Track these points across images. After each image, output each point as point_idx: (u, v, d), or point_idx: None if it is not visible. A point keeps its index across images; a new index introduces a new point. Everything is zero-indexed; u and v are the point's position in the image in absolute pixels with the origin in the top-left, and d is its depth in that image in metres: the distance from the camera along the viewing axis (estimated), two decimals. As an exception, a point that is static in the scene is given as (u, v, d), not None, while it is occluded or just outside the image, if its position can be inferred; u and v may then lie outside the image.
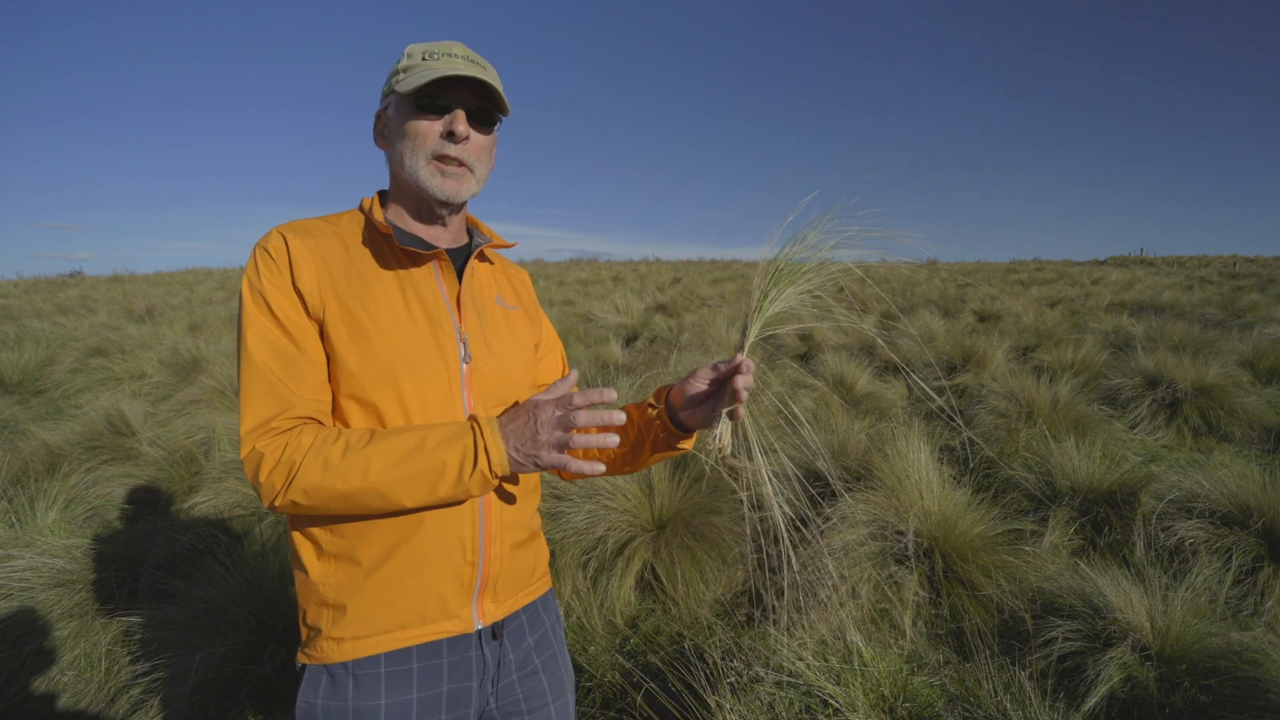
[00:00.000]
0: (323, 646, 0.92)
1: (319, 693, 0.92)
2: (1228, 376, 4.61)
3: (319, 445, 0.86)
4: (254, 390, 0.88)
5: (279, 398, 0.89)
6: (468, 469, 0.87)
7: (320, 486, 0.85)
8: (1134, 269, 22.50)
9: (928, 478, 2.69)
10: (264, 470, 0.85)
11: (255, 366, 0.89)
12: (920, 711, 1.85)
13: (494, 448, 0.88)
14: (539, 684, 1.06)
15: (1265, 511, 2.60)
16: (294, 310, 0.91)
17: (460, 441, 0.88)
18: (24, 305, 13.11)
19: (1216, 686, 1.90)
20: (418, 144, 0.96)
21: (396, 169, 1.00)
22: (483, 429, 0.89)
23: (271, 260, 0.91)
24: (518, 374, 1.07)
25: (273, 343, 0.90)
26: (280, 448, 0.86)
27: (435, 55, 0.95)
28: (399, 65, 0.97)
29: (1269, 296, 10.90)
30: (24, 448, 3.87)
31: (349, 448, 0.86)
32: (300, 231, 0.94)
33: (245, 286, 0.91)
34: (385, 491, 0.86)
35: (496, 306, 1.08)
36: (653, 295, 12.58)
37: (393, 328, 0.93)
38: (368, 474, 0.85)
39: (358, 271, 0.95)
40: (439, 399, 0.95)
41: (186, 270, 26.52)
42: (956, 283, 16.25)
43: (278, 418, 0.88)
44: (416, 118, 0.96)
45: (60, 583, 2.44)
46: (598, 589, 2.51)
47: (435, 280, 1.00)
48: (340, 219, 1.00)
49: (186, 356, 6.16)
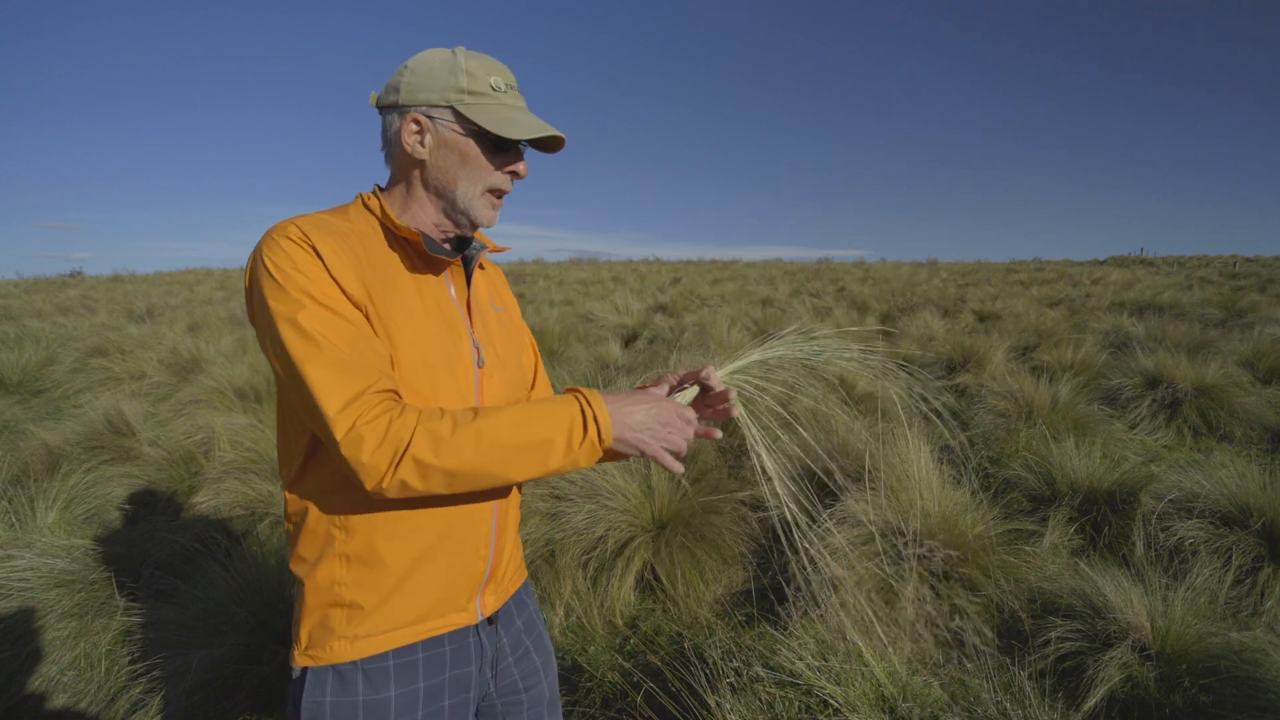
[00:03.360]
0: (333, 646, 0.92)
1: (326, 691, 0.92)
2: (1228, 376, 4.61)
3: (426, 421, 0.82)
4: (327, 370, 0.81)
5: (359, 372, 0.83)
6: (577, 438, 0.88)
7: (433, 465, 0.82)
8: (1134, 269, 22.50)
9: (928, 478, 2.69)
10: (367, 451, 0.80)
11: (320, 345, 0.82)
12: (920, 711, 1.85)
13: (602, 417, 0.89)
14: (532, 663, 1.12)
15: (1265, 511, 2.60)
16: (339, 297, 0.86)
17: (568, 411, 0.88)
18: (24, 305, 13.11)
19: (1216, 686, 1.90)
20: (482, 177, 0.97)
21: (438, 184, 0.97)
22: (589, 399, 0.90)
23: (301, 249, 0.85)
24: (518, 374, 1.10)
25: (334, 325, 0.84)
26: (384, 427, 0.80)
27: (501, 88, 0.96)
28: (461, 82, 0.93)
29: (1269, 296, 10.90)
30: (24, 448, 3.87)
31: (457, 424, 0.83)
32: (322, 227, 0.89)
33: (273, 275, 0.84)
34: (494, 468, 0.84)
35: (492, 310, 1.10)
36: (653, 295, 12.58)
37: (418, 333, 0.93)
38: (479, 448, 0.83)
39: (381, 274, 0.92)
40: (456, 404, 0.95)
41: (186, 270, 26.53)
42: (956, 283, 16.26)
43: (366, 392, 0.82)
44: (494, 157, 0.97)
45: (60, 583, 2.44)
46: (598, 589, 2.51)
47: (447, 286, 1.01)
48: (349, 214, 0.97)
49: (186, 356, 6.16)
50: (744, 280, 17.36)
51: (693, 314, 9.71)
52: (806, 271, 21.81)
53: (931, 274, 20.08)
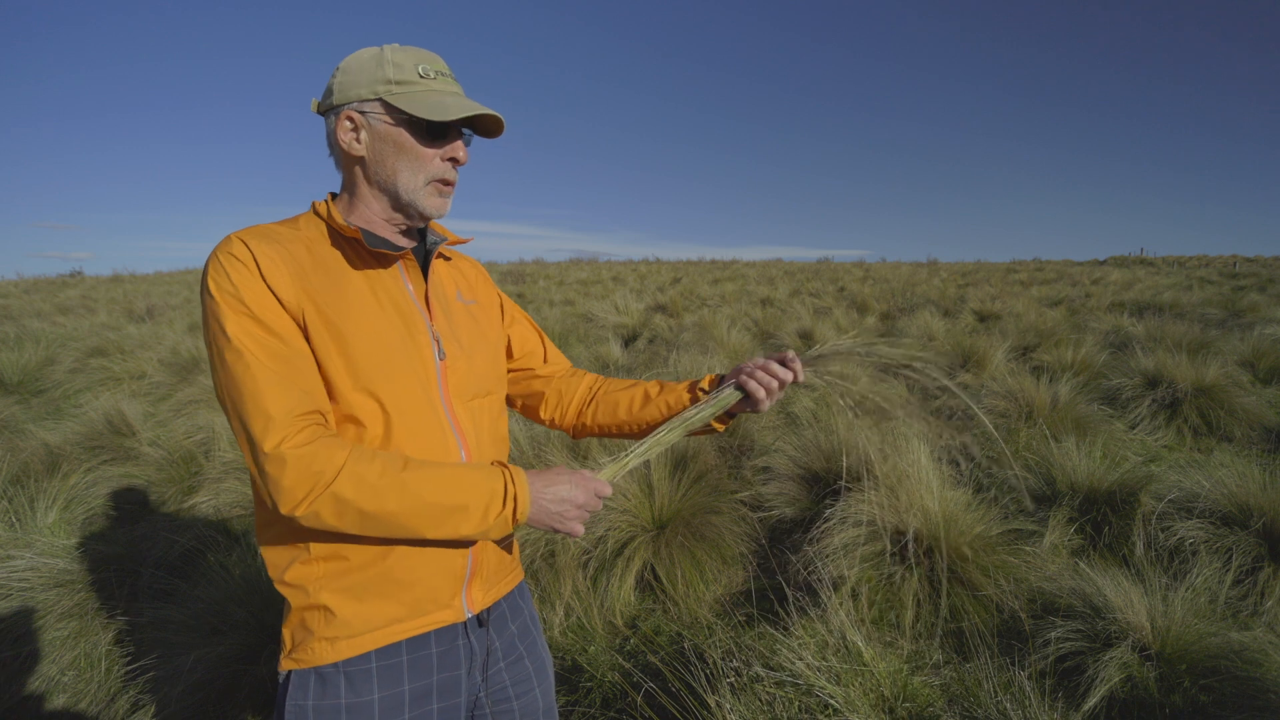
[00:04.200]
0: (314, 649, 0.91)
1: (309, 694, 0.91)
2: (1228, 376, 4.61)
3: (355, 461, 0.84)
4: (258, 389, 0.83)
5: (286, 391, 0.84)
6: (494, 510, 0.90)
7: (351, 504, 0.83)
8: (1134, 269, 22.49)
9: (928, 477, 2.69)
10: (289, 475, 0.81)
11: (250, 365, 0.83)
12: (920, 711, 1.85)
13: (521, 496, 0.92)
14: (524, 670, 1.10)
15: (1265, 511, 2.59)
16: (275, 312, 0.87)
17: (490, 484, 0.90)
18: (24, 305, 13.10)
19: (1216, 686, 1.90)
20: (421, 167, 0.97)
21: (382, 179, 0.97)
22: (513, 476, 0.92)
23: (240, 264, 0.87)
24: (487, 367, 1.09)
25: (263, 342, 0.85)
26: (309, 458, 0.82)
27: (429, 73, 0.95)
28: (389, 74, 0.94)
29: (1269, 296, 10.89)
30: (24, 448, 3.87)
31: (385, 469, 0.85)
32: (262, 237, 0.90)
33: (213, 294, 0.86)
34: (410, 520, 0.86)
35: (458, 302, 1.10)
36: (652, 295, 12.58)
37: (372, 330, 0.93)
38: (402, 498, 0.84)
39: (328, 276, 0.93)
40: (418, 398, 0.95)
41: (186, 270, 26.52)
42: (956, 283, 16.25)
43: (293, 413, 0.83)
44: (428, 144, 0.96)
45: (60, 583, 2.44)
46: (598, 589, 2.51)
47: (402, 280, 1.00)
48: (298, 223, 0.98)
49: (186, 356, 6.16)
50: (744, 280, 17.35)
51: (692, 314, 9.71)
52: (806, 271, 21.81)
53: (931, 274, 20.07)
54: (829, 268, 24.80)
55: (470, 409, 1.03)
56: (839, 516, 2.60)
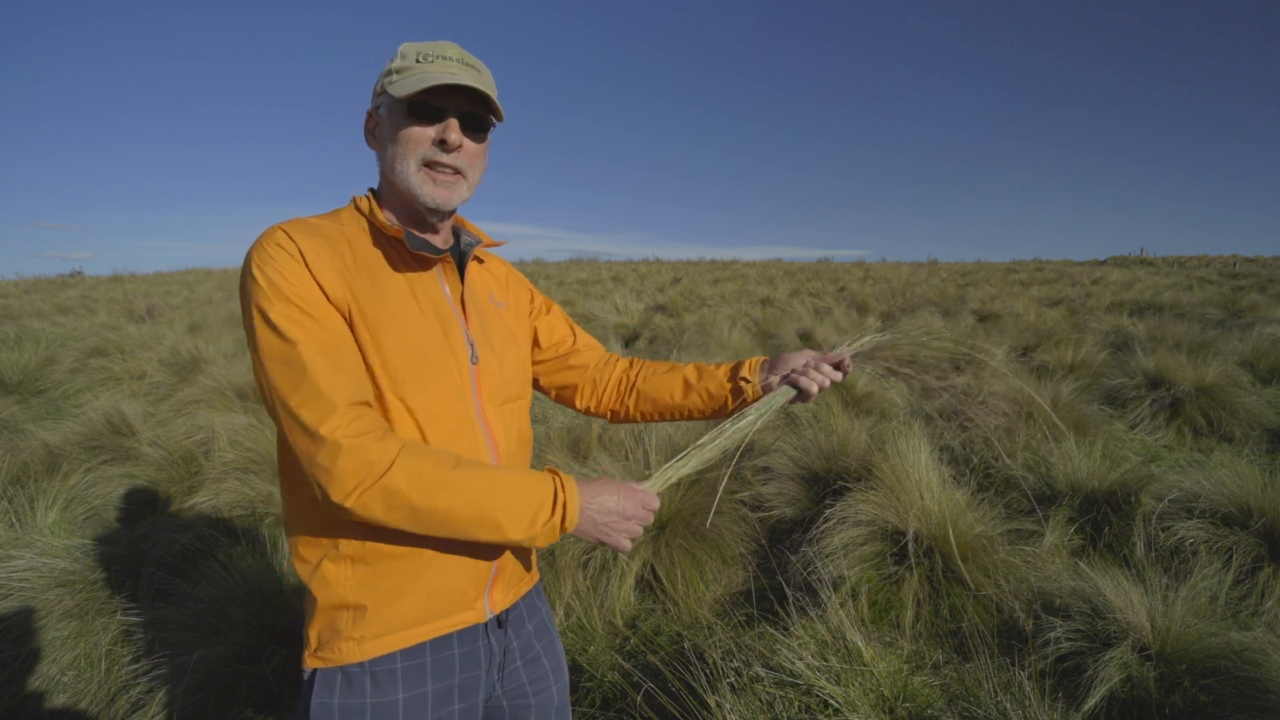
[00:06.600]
0: (341, 648, 0.91)
1: (334, 693, 0.91)
2: (1228, 376, 4.61)
3: (409, 455, 0.82)
4: (311, 376, 0.82)
5: (336, 380, 0.83)
6: (543, 516, 0.88)
7: (403, 497, 0.81)
8: (1134, 269, 22.49)
9: (928, 478, 2.69)
10: (340, 464, 0.80)
11: (302, 354, 0.82)
12: (920, 711, 1.85)
13: (571, 503, 0.90)
14: (542, 668, 1.10)
15: (1265, 511, 2.59)
16: (322, 305, 0.86)
17: (541, 489, 0.89)
18: (24, 305, 13.10)
19: (1216, 686, 1.90)
20: (409, 150, 0.94)
21: (388, 172, 0.97)
22: (563, 483, 0.91)
23: (287, 255, 0.86)
24: (516, 370, 1.09)
25: (313, 332, 0.84)
26: (364, 448, 0.80)
27: (429, 57, 0.93)
28: (392, 65, 0.94)
29: (1269, 296, 10.89)
30: (24, 448, 3.86)
31: (438, 464, 0.84)
32: (308, 230, 0.90)
33: (259, 282, 0.84)
34: (458, 520, 0.84)
35: (491, 305, 1.09)
36: (653, 295, 12.58)
37: (411, 334, 0.92)
38: (455, 497, 0.83)
39: (370, 273, 0.92)
40: (452, 403, 0.95)
41: (186, 270, 26.53)
42: (956, 282, 16.25)
43: (343, 402, 0.82)
44: (409, 124, 0.93)
45: (60, 583, 2.44)
46: (598, 589, 2.51)
47: (440, 283, 1.00)
48: (340, 217, 0.97)
49: (186, 356, 6.16)
50: (744, 280, 17.35)
51: (693, 314, 9.71)
52: (806, 271, 21.81)
53: (931, 274, 20.07)
54: (829, 268, 24.80)
55: (501, 414, 1.02)
56: (839, 516, 2.61)
